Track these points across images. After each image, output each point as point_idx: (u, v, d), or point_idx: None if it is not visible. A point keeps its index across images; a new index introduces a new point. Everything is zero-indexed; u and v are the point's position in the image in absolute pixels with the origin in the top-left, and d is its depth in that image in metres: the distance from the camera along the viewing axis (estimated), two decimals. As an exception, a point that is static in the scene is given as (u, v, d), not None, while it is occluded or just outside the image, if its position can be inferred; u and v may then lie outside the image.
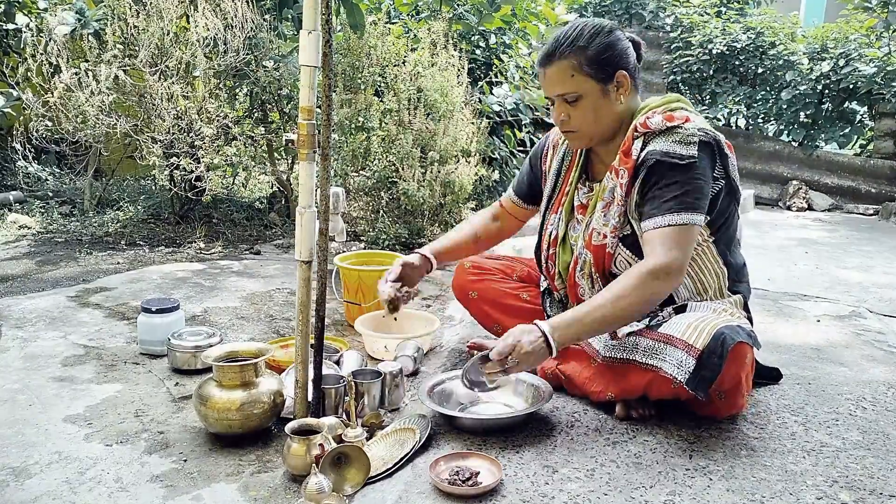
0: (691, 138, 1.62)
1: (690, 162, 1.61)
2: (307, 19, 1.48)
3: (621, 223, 1.71)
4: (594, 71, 1.67)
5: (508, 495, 1.38)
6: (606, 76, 1.68)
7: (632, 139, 1.68)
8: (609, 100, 1.70)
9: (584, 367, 1.77)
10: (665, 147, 1.62)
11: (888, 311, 2.80)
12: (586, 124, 1.72)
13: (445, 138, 3.27)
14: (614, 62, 1.68)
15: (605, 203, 1.73)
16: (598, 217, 1.75)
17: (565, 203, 1.87)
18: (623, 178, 1.68)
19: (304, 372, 1.61)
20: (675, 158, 1.61)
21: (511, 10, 4.26)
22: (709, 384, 1.50)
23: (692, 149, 1.61)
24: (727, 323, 1.56)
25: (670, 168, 1.61)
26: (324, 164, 1.54)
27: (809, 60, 6.06)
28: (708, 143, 1.64)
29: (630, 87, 1.71)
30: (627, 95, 1.71)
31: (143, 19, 3.26)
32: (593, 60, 1.66)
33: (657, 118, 1.65)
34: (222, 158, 3.41)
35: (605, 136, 1.76)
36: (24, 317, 2.42)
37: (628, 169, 1.67)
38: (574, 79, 1.67)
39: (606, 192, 1.73)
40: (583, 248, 1.78)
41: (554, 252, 1.89)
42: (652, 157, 1.63)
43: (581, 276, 1.80)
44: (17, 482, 1.44)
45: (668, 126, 1.63)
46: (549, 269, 1.92)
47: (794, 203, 5.81)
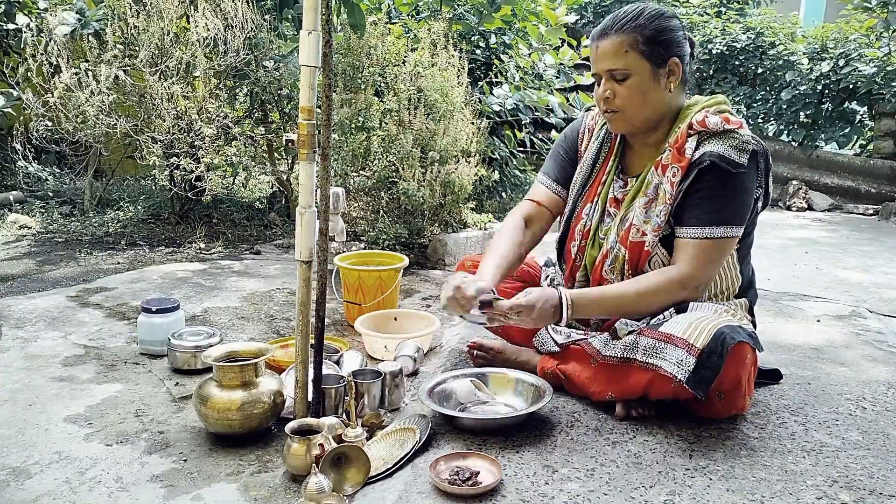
0: (746, 146, 1.61)
1: (741, 172, 1.61)
2: (307, 19, 1.48)
3: (664, 222, 1.68)
4: (649, 50, 1.64)
5: (508, 495, 1.38)
6: (660, 60, 1.65)
7: (686, 136, 1.65)
8: (658, 85, 1.67)
9: (584, 366, 1.77)
10: (722, 150, 1.61)
11: (888, 311, 2.80)
12: (632, 105, 1.68)
13: (445, 138, 3.27)
14: (670, 47, 1.66)
15: (648, 199, 1.70)
16: (638, 213, 1.71)
17: (601, 193, 1.83)
18: (676, 176, 1.65)
19: (304, 372, 1.61)
20: (729, 165, 1.60)
21: (511, 10, 4.26)
22: (708, 383, 1.50)
23: (745, 157, 1.61)
24: (728, 323, 1.56)
25: (723, 175, 1.60)
26: (324, 164, 1.54)
27: (809, 60, 6.06)
28: (760, 152, 1.65)
29: (681, 76, 1.69)
30: (677, 85, 1.69)
31: (144, 19, 3.26)
32: (650, 40, 1.64)
33: (716, 119, 1.63)
34: (222, 158, 3.41)
35: (646, 123, 1.72)
36: (24, 317, 2.42)
37: (682, 167, 1.64)
38: (627, 55, 1.64)
39: (650, 188, 1.70)
40: (615, 243, 1.75)
41: (584, 244, 1.83)
42: (707, 159, 1.61)
43: (610, 271, 1.77)
44: (17, 482, 1.44)
45: (725, 128, 1.62)
46: (573, 261, 1.87)
47: (794, 203, 5.81)
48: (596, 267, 1.80)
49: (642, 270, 1.72)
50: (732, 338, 1.50)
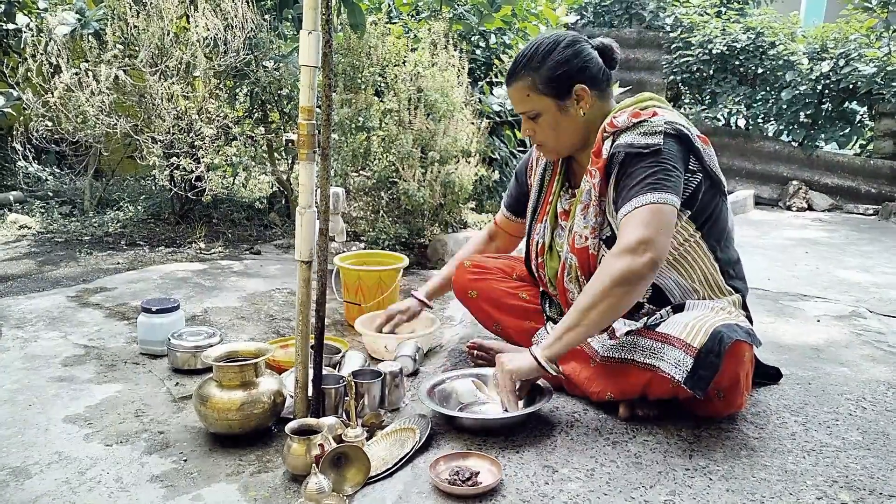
0: (655, 128, 1.64)
1: (654, 149, 1.62)
2: (307, 19, 1.48)
3: (600, 223, 1.73)
4: (549, 89, 1.71)
5: (508, 495, 1.38)
6: (563, 92, 1.71)
7: (601, 140, 1.70)
8: (569, 114, 1.73)
9: (584, 367, 1.77)
10: (629, 139, 1.64)
11: (888, 311, 2.80)
12: (549, 138, 1.78)
13: (445, 138, 3.27)
14: (570, 77, 1.71)
15: (584, 205, 1.75)
16: (578, 220, 1.77)
17: (549, 211, 1.91)
18: (596, 177, 1.70)
19: (304, 372, 1.61)
20: (639, 148, 1.62)
21: (511, 10, 4.26)
22: (707, 383, 1.50)
23: (657, 138, 1.63)
24: (725, 321, 1.56)
25: (635, 157, 1.63)
26: (324, 164, 1.54)
27: (809, 60, 6.06)
28: (674, 134, 1.64)
29: (591, 97, 1.73)
30: (589, 107, 1.73)
31: (143, 19, 3.26)
32: (547, 79, 1.70)
33: (623, 116, 1.67)
34: (222, 158, 3.41)
35: (573, 146, 1.80)
36: (24, 317, 2.42)
37: (599, 168, 1.69)
38: (530, 98, 1.73)
39: (584, 195, 1.75)
40: (568, 253, 1.81)
41: (543, 260, 1.92)
42: (618, 150, 1.65)
43: (569, 281, 1.82)
44: (17, 482, 1.44)
45: (633, 122, 1.66)
46: (541, 278, 1.96)
47: (794, 203, 5.81)
48: (558, 279, 1.86)
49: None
50: (730, 336, 1.50)
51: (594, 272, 1.70)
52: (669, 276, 1.72)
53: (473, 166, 3.36)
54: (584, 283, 1.76)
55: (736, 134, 6.48)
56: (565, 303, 1.86)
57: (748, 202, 5.67)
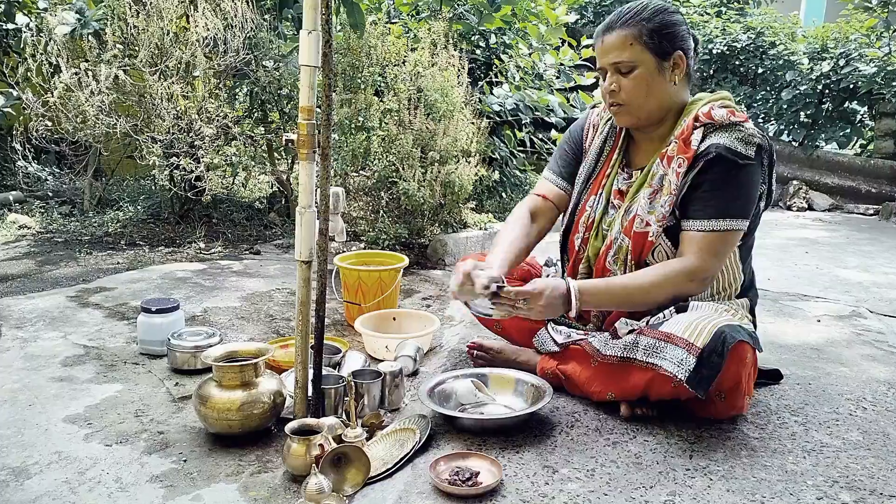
0: (752, 139, 1.62)
1: (747, 164, 1.61)
2: (307, 19, 1.48)
3: (668, 213, 1.69)
4: (654, 43, 1.66)
5: (508, 495, 1.38)
6: (664, 52, 1.67)
7: (692, 128, 1.66)
8: (663, 77, 1.69)
9: (584, 366, 1.77)
10: (728, 142, 1.61)
11: (888, 311, 2.80)
12: (637, 98, 1.69)
13: (445, 138, 3.27)
14: (674, 40, 1.68)
15: (653, 190, 1.71)
16: (642, 204, 1.72)
17: (605, 186, 1.84)
18: (682, 167, 1.66)
19: (304, 372, 1.61)
20: (735, 157, 1.60)
21: (511, 10, 4.26)
22: (709, 383, 1.50)
23: (752, 150, 1.61)
24: (728, 322, 1.56)
25: (729, 167, 1.61)
26: (324, 164, 1.54)
27: (809, 60, 6.06)
28: (765, 147, 1.65)
29: (685, 70, 1.70)
30: (681, 79, 1.71)
31: (143, 19, 3.26)
32: (654, 32, 1.66)
33: (722, 111, 1.64)
34: (222, 158, 3.41)
35: (651, 116, 1.73)
36: (24, 317, 2.42)
37: (687, 158, 1.65)
38: (632, 48, 1.66)
39: (655, 179, 1.71)
40: (619, 234, 1.76)
41: (588, 236, 1.85)
42: (713, 151, 1.62)
43: (614, 262, 1.77)
44: (17, 482, 1.44)
45: (731, 121, 1.63)
46: (576, 254, 1.88)
47: (795, 203, 5.81)
48: (599, 258, 1.81)
49: (645, 261, 1.73)
50: (733, 337, 1.50)
51: (644, 259, 1.73)
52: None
53: (473, 166, 3.36)
54: (631, 265, 1.74)
55: (736, 134, 6.47)
56: None
57: (748, 202, 5.67)
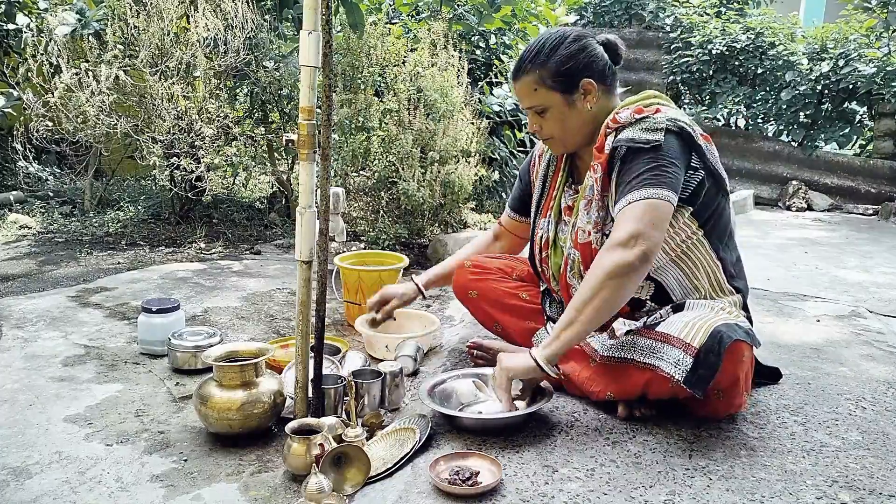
0: (657, 125, 1.64)
1: (655, 144, 1.62)
2: (307, 19, 1.48)
3: (602, 218, 1.73)
4: (556, 83, 1.71)
5: (508, 495, 1.38)
6: (570, 86, 1.72)
7: (604, 136, 1.71)
8: (576, 108, 1.74)
9: (583, 366, 1.77)
10: (631, 134, 1.65)
11: (888, 311, 2.80)
12: (557, 133, 1.78)
13: (445, 138, 3.27)
14: (577, 72, 1.71)
15: (587, 200, 1.76)
16: (581, 215, 1.77)
17: (553, 206, 1.91)
18: (598, 172, 1.71)
19: (304, 372, 1.61)
20: (640, 143, 1.63)
21: (511, 10, 4.27)
22: (706, 382, 1.50)
23: (658, 134, 1.63)
24: (725, 321, 1.56)
25: (635, 152, 1.63)
26: (324, 164, 1.54)
27: (809, 61, 6.06)
28: (676, 131, 1.65)
29: (598, 92, 1.73)
30: (596, 101, 1.74)
31: (144, 19, 3.26)
32: (555, 73, 1.71)
33: (626, 112, 1.68)
34: (222, 158, 3.41)
35: (580, 141, 1.80)
36: (24, 317, 2.42)
37: (602, 163, 1.70)
38: (538, 92, 1.73)
39: (587, 190, 1.76)
40: (571, 248, 1.81)
41: (546, 255, 1.92)
42: (619, 145, 1.66)
43: (571, 276, 1.82)
44: (17, 482, 1.44)
45: (636, 118, 1.66)
46: (544, 273, 1.96)
47: (794, 203, 5.81)
48: (561, 274, 1.86)
49: None
50: (729, 336, 1.50)
51: None
52: (671, 273, 1.73)
53: (473, 166, 3.36)
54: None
55: (736, 134, 6.48)
56: (567, 298, 1.85)
57: (748, 202, 5.67)
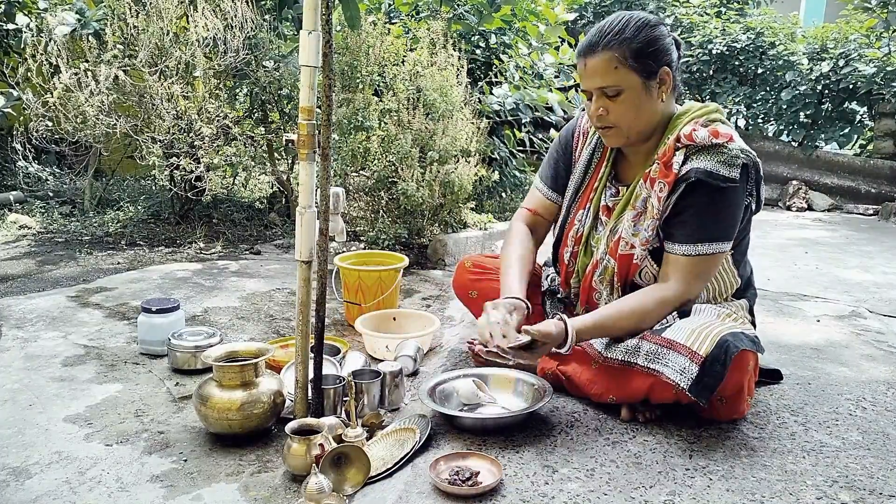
0: (736, 160, 1.58)
1: (731, 187, 1.58)
2: (307, 19, 1.48)
3: (652, 236, 1.67)
4: (639, 65, 1.60)
5: (508, 495, 1.38)
6: (650, 71, 1.62)
7: (673, 150, 1.62)
8: (651, 96, 1.64)
9: (585, 368, 1.76)
10: (710, 166, 1.58)
11: (888, 311, 2.80)
12: (626, 120, 1.65)
13: (445, 138, 3.27)
14: (659, 57, 1.62)
15: (637, 213, 1.69)
16: (626, 226, 1.70)
17: (593, 200, 1.82)
18: (662, 191, 1.63)
19: (304, 372, 1.61)
20: (717, 180, 1.57)
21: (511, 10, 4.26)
22: (711, 391, 1.50)
23: (735, 171, 1.58)
24: (731, 330, 1.55)
25: (710, 190, 1.58)
26: (324, 164, 1.54)
27: (809, 61, 6.06)
28: (750, 165, 1.62)
29: (671, 84, 1.66)
30: (669, 94, 1.66)
31: (143, 19, 3.26)
32: (639, 53, 1.59)
33: (703, 132, 1.59)
34: (222, 158, 3.41)
35: (641, 135, 1.70)
36: (24, 317, 2.42)
37: (668, 182, 1.62)
38: (617, 71, 1.60)
39: (639, 201, 1.69)
40: (605, 254, 1.75)
41: (576, 251, 1.83)
42: (694, 175, 1.59)
43: (600, 282, 1.77)
44: (17, 482, 1.44)
45: (713, 143, 1.59)
46: (566, 266, 1.87)
47: (794, 203, 5.81)
48: (586, 276, 1.80)
49: (632, 281, 1.73)
50: (736, 346, 1.49)
51: (630, 280, 1.73)
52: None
53: (473, 166, 3.36)
54: (617, 287, 1.74)
55: (736, 134, 6.47)
56: (586, 299, 1.81)
57: (748, 202, 5.67)
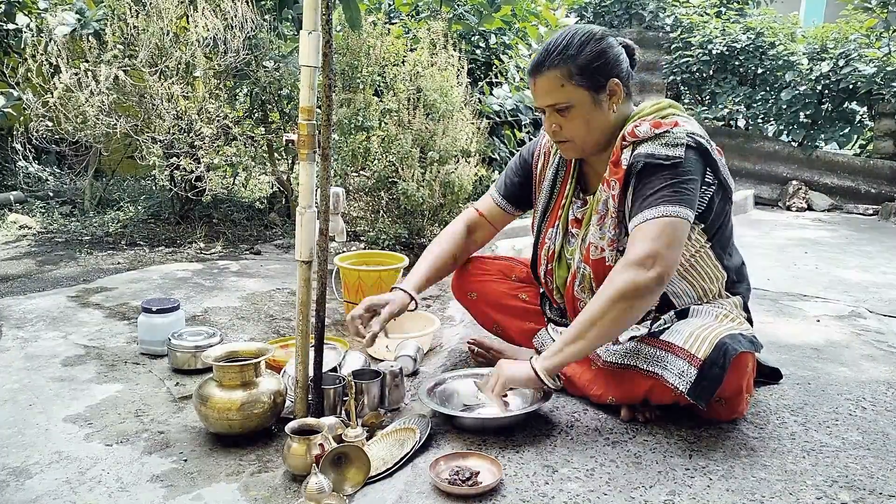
0: (678, 140, 1.59)
1: (676, 161, 1.58)
2: (307, 19, 1.48)
3: (618, 234, 1.68)
4: (585, 80, 1.62)
5: (508, 495, 1.38)
6: (598, 85, 1.64)
7: (620, 149, 1.65)
8: (601, 109, 1.66)
9: (585, 369, 1.77)
10: (650, 149, 1.59)
11: (888, 311, 2.80)
12: (579, 134, 1.68)
13: (445, 138, 3.27)
14: (606, 70, 1.64)
15: (600, 216, 1.70)
16: (593, 231, 1.72)
17: (561, 217, 1.84)
18: (615, 188, 1.65)
19: (304, 372, 1.61)
20: (660, 159, 1.58)
21: (511, 10, 4.27)
22: (710, 394, 1.49)
23: (679, 150, 1.59)
24: (729, 331, 1.54)
25: (655, 168, 1.59)
26: (324, 164, 1.54)
27: (809, 61, 6.06)
28: (695, 146, 1.62)
29: (622, 94, 1.67)
30: (620, 104, 1.68)
31: (143, 19, 3.26)
32: (584, 69, 1.62)
33: (645, 126, 1.62)
34: (222, 158, 3.41)
35: (597, 145, 1.72)
36: (24, 317, 2.42)
37: (619, 179, 1.64)
38: (564, 88, 1.63)
39: (600, 205, 1.70)
40: (581, 263, 1.76)
41: (552, 267, 1.86)
42: (638, 160, 1.60)
43: (580, 291, 1.78)
44: (17, 482, 1.44)
45: (655, 132, 1.61)
46: (546, 284, 1.90)
47: (794, 203, 5.81)
48: (567, 287, 1.81)
49: None
50: (734, 349, 1.49)
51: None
52: (679, 285, 1.71)
53: (473, 166, 3.36)
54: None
55: (736, 134, 6.48)
56: (573, 311, 1.81)
57: (748, 202, 5.67)
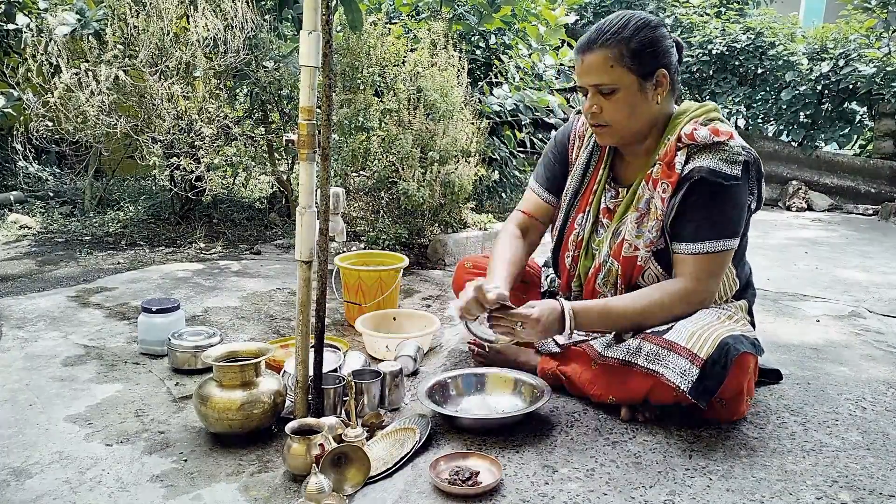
0: (737, 157, 1.59)
1: (734, 184, 1.58)
2: (307, 19, 1.48)
3: (657, 237, 1.67)
4: (635, 64, 1.59)
5: (508, 495, 1.38)
6: (647, 72, 1.61)
7: (675, 150, 1.63)
8: (646, 97, 1.63)
9: (585, 368, 1.77)
10: (712, 164, 1.58)
11: (888, 311, 2.80)
12: (619, 120, 1.65)
13: (445, 138, 3.27)
14: (656, 59, 1.61)
15: (640, 214, 1.69)
16: (629, 228, 1.70)
17: (593, 203, 1.81)
18: (666, 192, 1.63)
19: (304, 372, 1.61)
20: (720, 178, 1.58)
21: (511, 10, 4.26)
22: (711, 394, 1.50)
23: (737, 168, 1.58)
24: (731, 332, 1.55)
25: (714, 188, 1.58)
26: (324, 164, 1.55)
27: (809, 61, 6.06)
28: (751, 162, 1.63)
29: (668, 87, 1.65)
30: (665, 96, 1.65)
31: (143, 19, 3.26)
32: (636, 53, 1.59)
33: (704, 131, 1.60)
34: (222, 158, 3.41)
35: (635, 136, 1.69)
36: (24, 317, 2.42)
37: (671, 183, 1.62)
38: (613, 69, 1.59)
39: (641, 203, 1.69)
40: (608, 257, 1.74)
41: (577, 255, 1.83)
42: (697, 174, 1.59)
43: (603, 285, 1.77)
44: (17, 482, 1.44)
45: (714, 141, 1.59)
46: (567, 271, 1.87)
47: (794, 203, 5.81)
48: (589, 279, 1.80)
49: (635, 284, 1.73)
50: (736, 349, 1.50)
51: (634, 281, 1.72)
52: None
53: (473, 166, 3.36)
54: (621, 289, 1.73)
55: (736, 134, 6.47)
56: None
57: (748, 202, 5.67)
